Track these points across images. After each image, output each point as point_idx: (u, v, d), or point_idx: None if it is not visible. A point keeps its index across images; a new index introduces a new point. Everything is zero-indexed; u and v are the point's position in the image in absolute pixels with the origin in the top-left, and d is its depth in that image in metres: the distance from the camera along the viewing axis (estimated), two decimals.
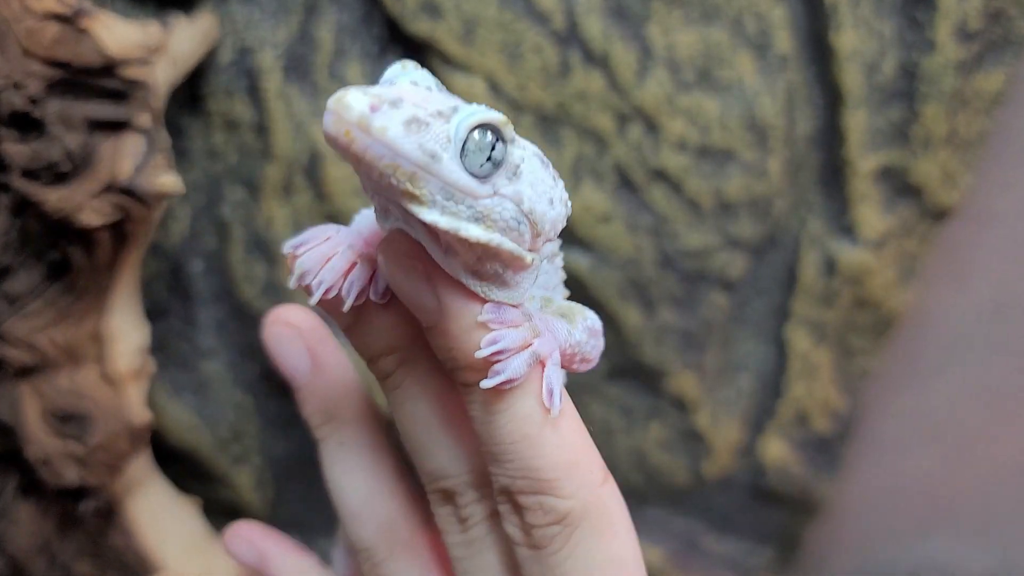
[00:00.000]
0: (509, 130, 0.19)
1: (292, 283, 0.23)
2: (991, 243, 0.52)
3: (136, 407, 0.45)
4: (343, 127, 0.18)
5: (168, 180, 0.41)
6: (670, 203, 0.48)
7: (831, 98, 0.47)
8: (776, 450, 0.56)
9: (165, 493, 0.49)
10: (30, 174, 0.40)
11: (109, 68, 0.40)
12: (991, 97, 0.47)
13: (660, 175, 0.48)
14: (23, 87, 0.39)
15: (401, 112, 0.18)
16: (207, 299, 0.51)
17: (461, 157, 0.19)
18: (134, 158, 0.41)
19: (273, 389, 0.54)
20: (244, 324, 0.52)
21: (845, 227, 0.50)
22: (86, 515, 0.45)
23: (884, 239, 0.50)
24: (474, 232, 0.19)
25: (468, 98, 0.46)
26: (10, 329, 0.43)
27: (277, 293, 0.50)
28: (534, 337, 0.21)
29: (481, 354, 0.21)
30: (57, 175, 0.40)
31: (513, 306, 0.22)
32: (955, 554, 0.62)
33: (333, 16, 0.46)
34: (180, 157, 0.49)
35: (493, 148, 0.19)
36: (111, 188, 0.41)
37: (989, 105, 0.47)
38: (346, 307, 0.22)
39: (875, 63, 0.46)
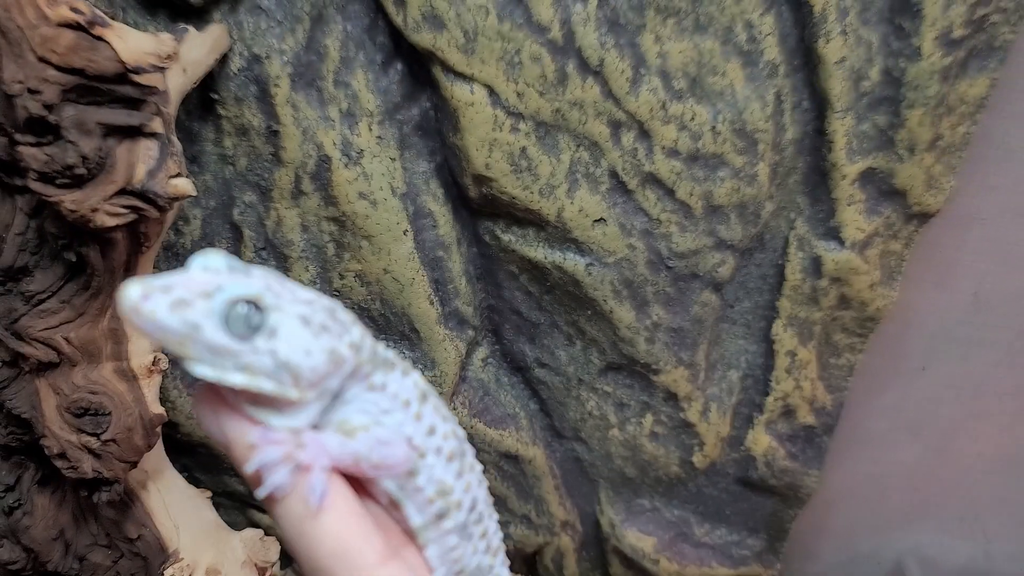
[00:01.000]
0: (265, 300, 0.25)
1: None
2: (973, 244, 0.53)
3: (150, 402, 0.46)
4: (123, 313, 0.24)
5: (181, 183, 0.42)
6: (662, 206, 0.49)
7: (818, 104, 0.48)
8: (764, 443, 0.57)
9: (177, 485, 0.51)
10: (46, 178, 0.41)
11: (123, 75, 0.41)
12: (975, 103, 0.47)
13: (653, 179, 0.49)
14: (39, 93, 0.40)
15: (169, 296, 0.24)
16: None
17: (226, 324, 0.24)
18: (148, 162, 0.42)
19: None
20: None
21: (831, 229, 0.51)
22: (101, 506, 0.46)
23: (869, 240, 0.50)
24: (237, 380, 0.25)
25: (469, 105, 0.47)
26: (28, 327, 0.44)
27: None
28: (296, 449, 0.26)
29: (248, 469, 0.25)
30: (73, 179, 0.41)
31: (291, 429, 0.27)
32: (938, 544, 0.64)
33: (339, 26, 0.47)
34: (192, 162, 0.50)
35: (249, 316, 0.24)
36: (125, 191, 0.42)
37: (973, 110, 0.48)
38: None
39: (862, 70, 0.47)
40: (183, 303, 0.24)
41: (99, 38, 0.40)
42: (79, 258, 0.44)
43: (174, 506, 0.49)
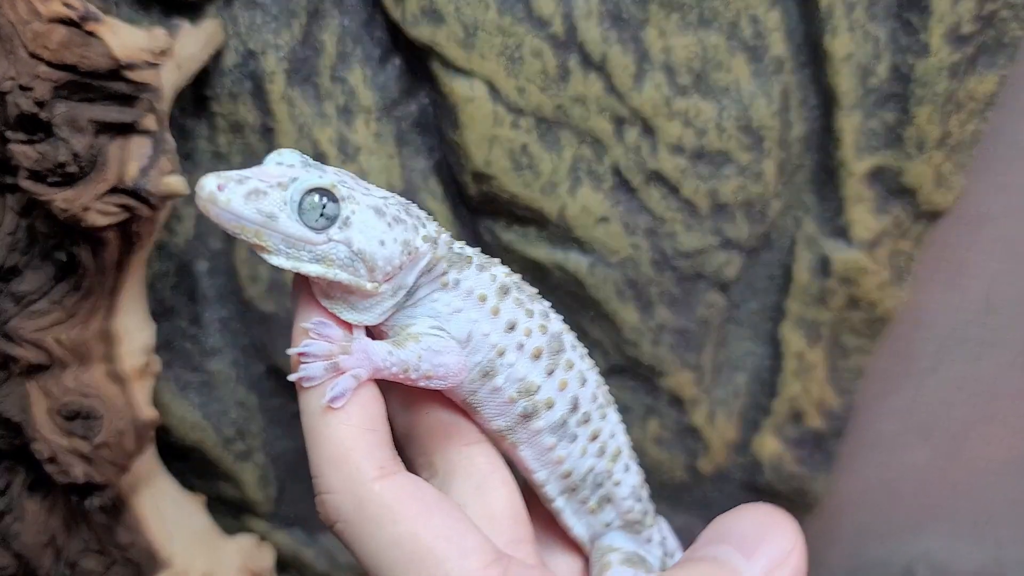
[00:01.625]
0: (339, 191, 0.25)
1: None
2: (983, 243, 0.53)
3: (142, 405, 0.45)
4: (201, 203, 0.25)
5: (174, 181, 0.42)
6: (667, 204, 0.49)
7: (825, 101, 0.48)
8: (771, 447, 0.56)
9: (171, 490, 0.50)
10: (37, 175, 0.40)
11: (116, 71, 0.41)
12: (984, 100, 0.47)
13: (657, 177, 0.48)
14: (30, 90, 0.39)
15: (244, 186, 0.25)
16: (212, 299, 0.52)
17: (299, 215, 0.25)
18: (140, 160, 0.42)
19: (277, 387, 0.54)
20: (249, 323, 0.52)
21: (839, 228, 0.50)
22: (93, 511, 0.46)
23: (878, 240, 0.50)
24: (312, 269, 0.26)
25: (468, 101, 0.47)
26: (17, 328, 0.43)
27: (282, 292, 0.51)
28: (341, 352, 0.26)
29: (290, 351, 0.26)
30: (64, 177, 0.41)
31: (347, 326, 0.27)
32: (948, 550, 0.63)
33: (336, 20, 0.47)
34: (186, 159, 0.49)
35: (324, 206, 0.25)
36: (118, 189, 0.41)
37: (982, 107, 0.47)
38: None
39: (869, 66, 0.46)
40: (258, 193, 0.25)
41: (91, 34, 0.40)
42: (70, 258, 0.43)
43: (167, 511, 0.49)
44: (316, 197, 0.25)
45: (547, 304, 0.31)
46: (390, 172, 0.49)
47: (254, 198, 0.25)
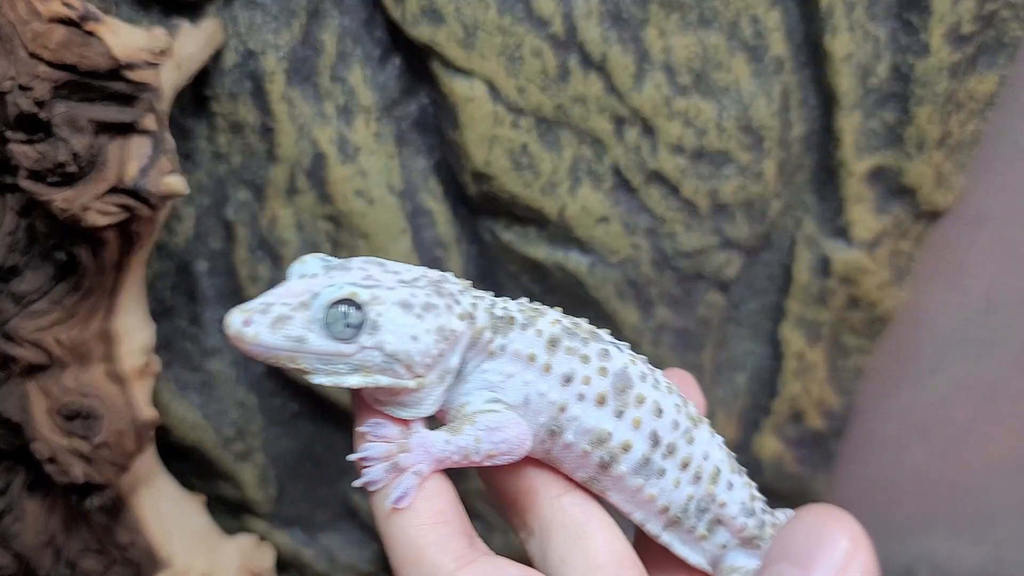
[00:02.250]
0: (360, 296, 0.25)
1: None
2: (984, 243, 0.53)
3: (142, 405, 0.45)
4: (230, 341, 0.25)
5: (173, 181, 0.42)
6: (667, 204, 0.49)
7: (826, 101, 0.48)
8: (772, 447, 0.56)
9: (170, 490, 0.50)
10: (37, 175, 0.40)
11: (116, 71, 0.41)
12: (984, 99, 0.47)
13: (657, 177, 0.48)
14: (30, 89, 0.39)
15: (268, 316, 0.25)
16: (212, 299, 0.52)
17: (327, 330, 0.25)
18: (140, 160, 0.42)
19: (276, 387, 0.54)
20: None
21: (839, 228, 0.50)
22: (92, 511, 0.46)
23: (878, 239, 0.50)
24: (352, 381, 0.26)
25: (468, 101, 0.47)
26: (17, 328, 0.43)
27: None
28: (399, 452, 0.26)
29: (351, 458, 0.27)
30: (64, 176, 0.41)
31: (402, 423, 0.27)
32: (949, 550, 0.63)
33: (336, 20, 0.47)
34: (185, 159, 0.49)
35: (347, 316, 0.25)
36: (117, 189, 0.41)
37: (982, 107, 0.47)
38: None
39: (869, 66, 0.46)
40: (283, 319, 0.25)
41: (91, 33, 0.40)
42: (70, 258, 0.43)
43: (167, 511, 0.48)
44: (339, 309, 0.25)
45: (606, 339, 0.30)
46: (390, 172, 0.49)
47: (280, 325, 0.25)
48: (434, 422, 0.29)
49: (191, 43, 0.44)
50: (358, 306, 0.25)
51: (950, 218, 0.50)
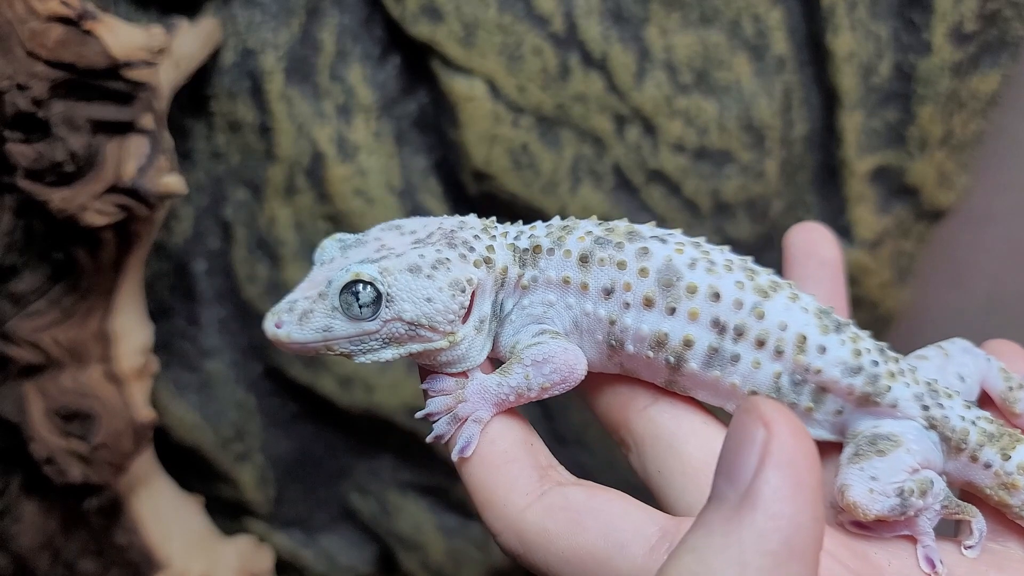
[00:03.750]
0: (366, 273, 0.26)
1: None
2: (987, 243, 0.52)
3: (140, 406, 0.45)
4: (275, 346, 0.26)
5: (172, 181, 0.42)
6: (668, 203, 0.49)
7: (828, 100, 0.48)
8: None
9: (168, 491, 0.50)
10: (34, 175, 0.40)
11: (113, 70, 0.40)
12: (987, 98, 0.47)
13: (658, 176, 0.48)
14: (28, 89, 0.39)
15: (295, 313, 0.26)
16: (210, 299, 0.52)
17: (347, 314, 0.26)
18: (138, 159, 0.42)
19: (275, 388, 0.54)
20: (247, 324, 0.52)
21: (842, 227, 0.50)
22: (90, 513, 0.46)
23: (880, 239, 0.50)
24: (387, 355, 0.27)
25: (468, 100, 0.47)
26: (15, 328, 0.43)
27: (280, 293, 0.51)
28: (457, 403, 0.27)
29: (418, 415, 0.28)
30: (61, 176, 0.40)
31: (459, 375, 0.28)
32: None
33: (335, 19, 0.47)
34: (183, 158, 0.49)
35: (359, 296, 0.26)
36: (115, 189, 0.41)
37: (985, 106, 0.47)
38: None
39: (871, 65, 0.46)
40: (307, 314, 0.26)
41: (89, 32, 0.40)
42: (68, 258, 0.43)
43: (165, 513, 0.48)
44: (352, 291, 0.26)
45: (647, 235, 0.28)
46: (389, 171, 0.49)
47: (307, 320, 0.26)
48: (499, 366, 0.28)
49: (189, 42, 0.44)
50: (369, 284, 0.26)
51: (953, 217, 0.50)
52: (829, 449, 0.29)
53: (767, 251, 0.52)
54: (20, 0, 0.39)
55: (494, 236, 0.28)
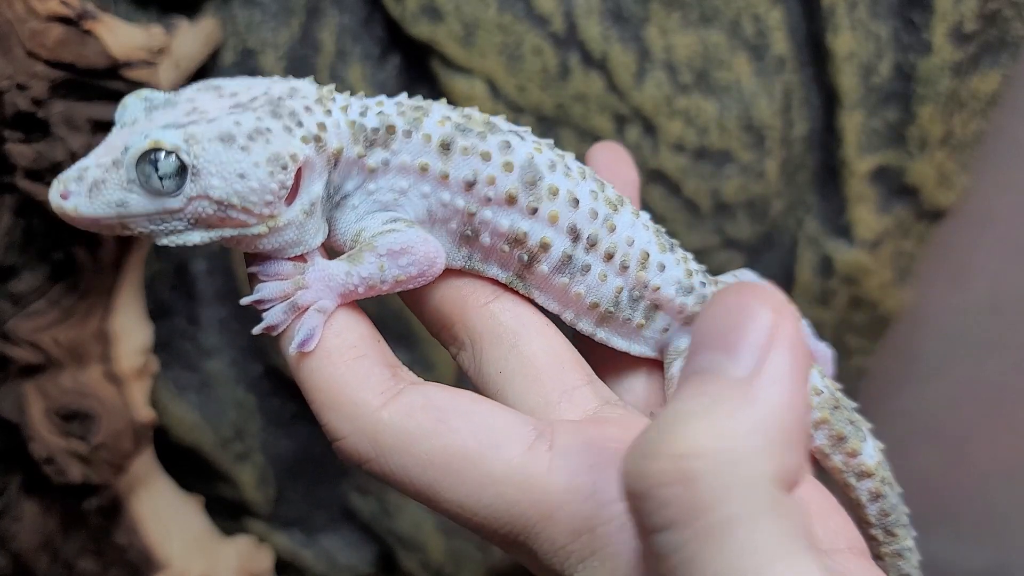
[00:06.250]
0: (167, 141, 0.22)
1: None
2: (987, 243, 0.52)
3: (139, 406, 0.45)
4: (57, 215, 0.22)
5: None
6: (668, 203, 0.49)
7: (828, 100, 0.48)
8: None
9: (168, 491, 0.50)
10: (34, 175, 0.40)
11: (113, 70, 0.40)
12: (987, 98, 0.47)
13: (659, 176, 0.48)
14: (27, 88, 0.39)
15: (84, 183, 0.22)
16: (210, 299, 0.52)
17: (145, 187, 0.22)
18: None
19: (275, 388, 0.54)
20: (247, 323, 0.52)
21: (842, 227, 0.50)
22: (90, 513, 0.45)
23: (880, 239, 0.50)
24: (194, 237, 0.23)
25: (468, 100, 0.46)
26: (14, 328, 0.43)
27: None
28: (296, 289, 0.24)
29: (244, 301, 0.24)
30: None
31: (296, 259, 0.24)
32: (954, 553, 0.62)
33: (335, 18, 0.47)
34: None
35: (158, 167, 0.22)
36: None
37: (985, 106, 0.47)
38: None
39: (871, 65, 0.46)
40: (99, 184, 0.22)
41: (88, 32, 0.40)
42: (67, 258, 0.43)
43: (164, 513, 0.48)
44: (149, 161, 0.22)
45: (504, 128, 0.27)
46: None
47: (98, 192, 0.22)
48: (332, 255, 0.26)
49: (189, 41, 0.44)
50: (171, 153, 0.22)
51: (953, 218, 0.50)
52: (643, 364, 0.29)
53: (767, 251, 0.52)
54: (20, 0, 0.39)
55: (329, 111, 0.25)
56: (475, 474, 0.22)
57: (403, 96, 0.27)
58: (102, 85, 0.41)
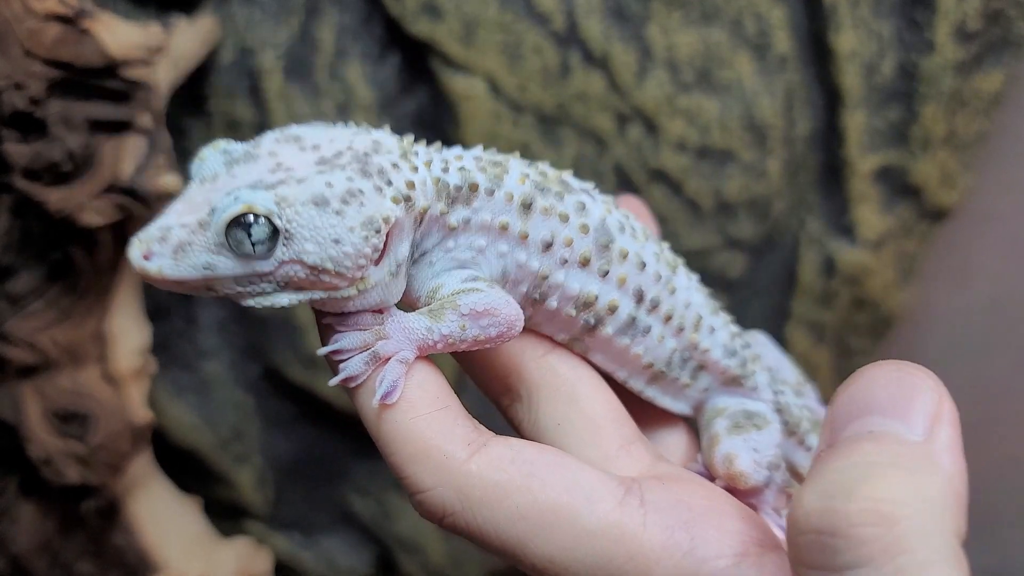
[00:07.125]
0: (260, 205, 0.21)
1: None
2: (990, 243, 0.52)
3: (137, 407, 0.45)
4: (140, 275, 0.22)
5: (169, 180, 0.42)
6: (670, 203, 0.49)
7: (830, 99, 0.47)
8: None
9: (166, 492, 0.49)
10: (32, 174, 0.40)
11: (111, 69, 0.40)
12: (990, 98, 0.47)
13: (660, 175, 0.48)
14: (25, 88, 0.39)
15: (169, 244, 0.21)
16: (208, 300, 0.51)
17: (234, 251, 0.21)
18: (135, 158, 0.41)
19: (274, 389, 0.54)
20: (245, 324, 0.52)
21: (844, 227, 0.50)
22: (87, 514, 0.45)
23: (883, 239, 0.50)
24: (283, 300, 0.22)
25: (468, 98, 0.46)
26: (12, 329, 0.43)
27: None
28: (377, 339, 0.23)
29: (321, 352, 0.23)
30: (59, 175, 0.40)
31: (377, 311, 0.24)
32: None
33: (334, 17, 0.46)
34: (182, 157, 0.49)
35: (251, 232, 0.21)
36: (113, 188, 0.41)
37: (988, 106, 0.47)
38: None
39: (874, 64, 0.46)
40: (184, 247, 0.21)
41: (86, 31, 0.40)
42: (65, 258, 0.43)
43: (162, 515, 0.48)
44: (241, 227, 0.21)
45: (576, 187, 0.27)
46: None
47: (184, 255, 0.21)
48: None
49: (187, 40, 0.44)
50: (264, 217, 0.21)
51: (956, 217, 0.50)
52: (669, 418, 0.30)
53: (769, 251, 0.52)
54: None
55: (415, 167, 0.24)
56: (568, 528, 0.22)
57: (479, 149, 0.27)
58: (100, 84, 0.41)
